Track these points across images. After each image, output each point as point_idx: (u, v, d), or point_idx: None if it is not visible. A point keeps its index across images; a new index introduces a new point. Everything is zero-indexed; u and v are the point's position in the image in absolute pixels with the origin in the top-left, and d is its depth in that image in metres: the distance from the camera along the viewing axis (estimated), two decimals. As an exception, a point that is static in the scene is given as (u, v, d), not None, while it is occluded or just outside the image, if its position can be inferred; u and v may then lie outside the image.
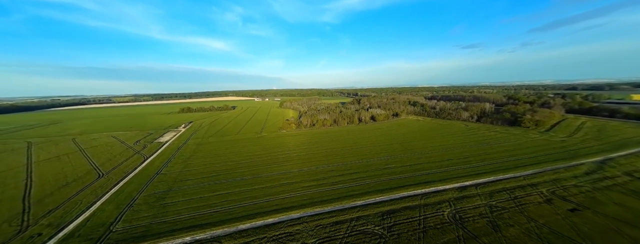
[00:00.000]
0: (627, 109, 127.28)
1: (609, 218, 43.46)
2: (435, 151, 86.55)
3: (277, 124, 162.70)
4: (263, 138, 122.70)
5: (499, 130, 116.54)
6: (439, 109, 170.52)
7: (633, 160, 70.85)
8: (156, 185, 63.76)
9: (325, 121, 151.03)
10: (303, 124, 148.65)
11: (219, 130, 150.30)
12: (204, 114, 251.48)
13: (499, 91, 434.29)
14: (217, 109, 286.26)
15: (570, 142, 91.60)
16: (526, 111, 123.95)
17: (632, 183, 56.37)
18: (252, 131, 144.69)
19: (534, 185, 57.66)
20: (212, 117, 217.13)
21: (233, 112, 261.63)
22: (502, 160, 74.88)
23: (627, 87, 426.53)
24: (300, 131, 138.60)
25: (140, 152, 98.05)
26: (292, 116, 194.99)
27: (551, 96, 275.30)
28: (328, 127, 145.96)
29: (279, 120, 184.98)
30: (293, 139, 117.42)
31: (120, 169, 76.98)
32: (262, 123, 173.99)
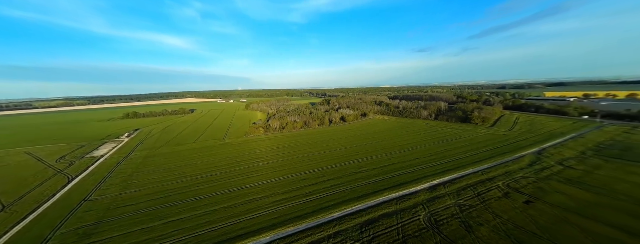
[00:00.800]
0: (548, 105, 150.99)
1: (556, 207, 47.38)
2: (404, 150, 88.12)
3: (243, 129, 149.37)
4: (227, 146, 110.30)
5: (454, 127, 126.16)
6: (403, 109, 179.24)
7: (560, 150, 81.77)
8: (82, 217, 49.54)
9: (295, 123, 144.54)
10: (272, 128, 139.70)
11: (172, 138, 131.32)
12: (156, 119, 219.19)
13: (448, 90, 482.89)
14: (172, 114, 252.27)
15: (511, 136, 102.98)
16: (474, 109, 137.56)
17: (565, 172, 64.00)
18: (213, 137, 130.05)
19: (491, 179, 61.30)
20: (166, 123, 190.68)
21: (191, 117, 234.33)
22: (461, 156, 79.28)
23: (541, 87, 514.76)
24: (269, 136, 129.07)
25: (63, 173, 77.53)
26: (260, 119, 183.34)
27: (488, 95, 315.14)
28: (299, 130, 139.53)
29: (245, 124, 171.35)
30: (261, 145, 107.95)
31: (31, 198, 58.51)
32: (226, 128, 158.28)
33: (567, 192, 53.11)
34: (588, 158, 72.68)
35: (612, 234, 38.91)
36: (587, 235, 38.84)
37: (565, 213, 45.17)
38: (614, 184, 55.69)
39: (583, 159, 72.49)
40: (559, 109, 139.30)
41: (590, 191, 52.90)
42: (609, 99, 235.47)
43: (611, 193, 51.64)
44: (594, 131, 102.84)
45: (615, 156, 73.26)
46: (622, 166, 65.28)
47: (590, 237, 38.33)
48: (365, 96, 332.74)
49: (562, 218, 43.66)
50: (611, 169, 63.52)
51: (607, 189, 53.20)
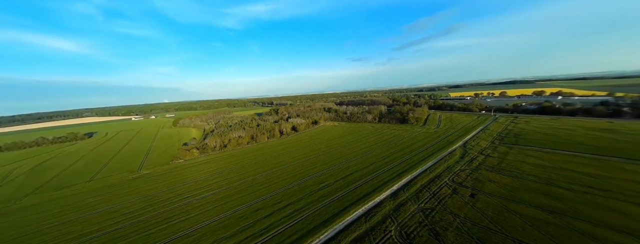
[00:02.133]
0: (458, 104, 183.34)
1: (493, 197, 52.31)
2: (359, 156, 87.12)
3: (168, 153, 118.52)
4: (143, 179, 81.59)
5: (396, 128, 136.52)
6: (350, 114, 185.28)
7: (477, 141, 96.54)
8: None
9: (240, 139, 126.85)
10: (210, 147, 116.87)
11: (50, 179, 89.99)
12: (23, 153, 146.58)
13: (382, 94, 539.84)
14: (53, 142, 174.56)
15: (441, 132, 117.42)
16: (408, 111, 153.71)
17: (487, 160, 74.18)
18: (122, 169, 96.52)
19: (439, 176, 65.10)
20: (41, 157, 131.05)
21: (87, 143, 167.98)
22: (408, 156, 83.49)
23: (446, 89, 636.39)
24: (206, 158, 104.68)
25: None
26: (195, 137, 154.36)
27: (413, 97, 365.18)
28: (245, 147, 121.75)
29: (172, 145, 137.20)
30: (195, 172, 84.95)
31: None
32: (143, 154, 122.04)
33: (495, 180, 60.30)
34: (497, 146, 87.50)
35: (537, 215, 44.24)
36: (525, 220, 43.01)
37: (501, 200, 50.02)
38: (521, 166, 67.01)
39: (494, 147, 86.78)
40: (466, 107, 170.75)
41: (509, 176, 61.57)
42: (490, 96, 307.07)
43: (523, 175, 61.32)
44: (493, 123, 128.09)
45: (513, 142, 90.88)
46: (520, 150, 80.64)
47: (528, 222, 42.48)
48: (314, 102, 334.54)
49: (502, 207, 47.94)
50: (514, 154, 77.32)
51: (519, 172, 63.17)
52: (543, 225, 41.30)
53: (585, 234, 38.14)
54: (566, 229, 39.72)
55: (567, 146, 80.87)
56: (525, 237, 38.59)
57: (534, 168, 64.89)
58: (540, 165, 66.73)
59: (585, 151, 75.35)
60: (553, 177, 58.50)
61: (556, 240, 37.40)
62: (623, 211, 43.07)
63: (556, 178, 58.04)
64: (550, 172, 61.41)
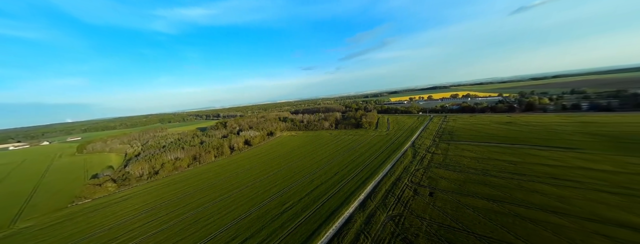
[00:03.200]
0: (400, 107, 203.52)
1: (448, 192, 55.39)
2: (322, 167, 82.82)
3: (67, 191, 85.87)
4: (20, 238, 54.89)
5: (352, 133, 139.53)
6: (307, 122, 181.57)
7: (422, 140, 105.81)
8: None
9: (178, 161, 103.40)
10: (134, 177, 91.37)
11: None
12: None
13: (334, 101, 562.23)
14: None
15: (392, 134, 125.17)
16: (361, 116, 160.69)
17: (434, 158, 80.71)
18: None
19: (399, 178, 66.38)
20: None
21: None
22: (369, 161, 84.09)
23: (386, 94, 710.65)
24: (129, 191, 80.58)
25: None
26: (111, 166, 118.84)
27: (362, 103, 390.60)
28: (185, 170, 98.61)
29: (74, 180, 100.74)
30: (109, 215, 62.85)
31: None
32: (23, 197, 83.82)
33: (445, 176, 64.90)
34: (438, 144, 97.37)
35: (485, 206, 48.07)
36: (477, 213, 45.90)
37: (455, 196, 53.10)
38: (461, 161, 74.90)
39: (436, 145, 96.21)
40: (407, 110, 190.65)
41: (454, 171, 67.44)
42: (421, 100, 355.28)
43: (464, 168, 68.10)
44: (430, 123, 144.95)
45: (449, 139, 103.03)
46: (456, 146, 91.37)
47: (480, 214, 45.38)
48: (268, 112, 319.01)
49: (457, 202, 50.63)
50: (453, 150, 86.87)
51: (461, 166, 70.08)
52: (492, 215, 44.63)
53: (524, 218, 42.59)
54: (509, 216, 43.73)
55: (487, 138, 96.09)
56: (483, 230, 40.51)
57: (470, 161, 73.19)
58: (474, 157, 76.01)
59: (499, 141, 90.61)
60: (486, 168, 66.67)
61: (506, 228, 40.38)
62: (541, 191, 50.88)
63: (488, 168, 66.31)
64: (482, 163, 70.09)
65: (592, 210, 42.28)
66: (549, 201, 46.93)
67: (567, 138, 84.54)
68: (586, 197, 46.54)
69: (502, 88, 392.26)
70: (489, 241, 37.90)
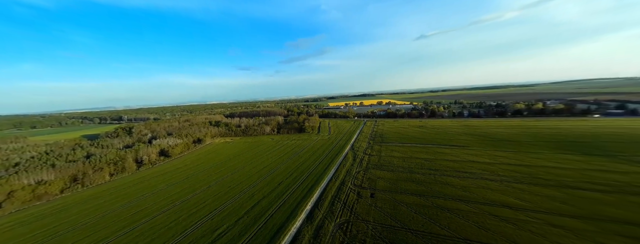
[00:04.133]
0: (339, 112, 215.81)
1: (385, 192, 59.24)
2: (264, 177, 74.34)
3: None
4: None
5: (295, 138, 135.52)
6: (245, 127, 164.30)
7: (359, 143, 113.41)
8: None
9: (42, 186, 69.60)
10: None
11: None
12: None
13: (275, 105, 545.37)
14: None
15: (333, 138, 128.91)
16: (304, 120, 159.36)
17: (371, 159, 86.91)
18: None
19: (343, 183, 66.89)
20: None
21: None
22: (314, 167, 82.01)
23: (325, 99, 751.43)
24: None
25: None
26: None
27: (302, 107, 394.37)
28: (54, 199, 67.49)
29: None
30: None
31: None
32: None
33: (381, 176, 70.03)
34: (373, 146, 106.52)
35: (414, 201, 53.63)
36: (410, 208, 50.39)
37: (391, 195, 57.22)
38: (392, 160, 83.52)
39: (371, 147, 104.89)
40: (344, 114, 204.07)
41: (388, 170, 73.99)
42: (355, 106, 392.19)
43: (395, 168, 75.85)
44: (364, 126, 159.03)
45: (380, 141, 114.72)
46: (387, 147, 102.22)
47: (412, 209, 49.91)
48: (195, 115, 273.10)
49: (393, 201, 54.47)
50: (385, 151, 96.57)
51: (393, 166, 77.86)
52: (420, 209, 49.93)
53: (443, 208, 49.55)
54: (433, 208, 50.00)
55: (408, 140, 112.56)
56: (417, 225, 44.26)
57: (399, 160, 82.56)
58: (401, 157, 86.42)
59: (417, 142, 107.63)
60: (410, 166, 76.43)
61: (432, 220, 45.55)
62: (450, 183, 61.47)
63: (412, 166, 76.23)
64: (408, 162, 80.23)
65: (484, 195, 53.73)
66: (456, 191, 56.93)
67: (459, 138, 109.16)
68: (478, 185, 59.18)
69: (412, 98, 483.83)
70: (422, 235, 41.38)
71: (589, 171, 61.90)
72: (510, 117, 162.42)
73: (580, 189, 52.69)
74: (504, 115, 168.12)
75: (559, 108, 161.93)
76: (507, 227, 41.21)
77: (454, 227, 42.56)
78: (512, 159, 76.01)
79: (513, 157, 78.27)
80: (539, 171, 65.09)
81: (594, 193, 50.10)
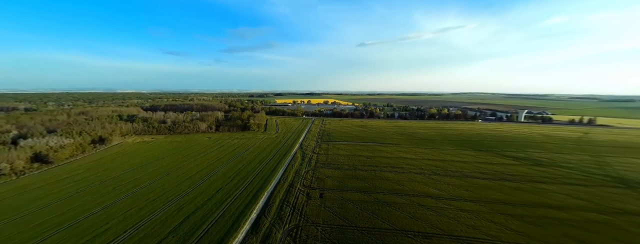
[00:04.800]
0: (287, 110, 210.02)
1: (333, 191, 59.97)
2: (196, 184, 62.43)
3: None
4: None
5: (238, 136, 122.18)
6: (172, 123, 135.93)
7: (308, 142, 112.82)
8: None
9: None
10: None
11: None
12: None
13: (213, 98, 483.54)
14: None
15: (281, 137, 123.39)
16: (249, 117, 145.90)
17: (320, 158, 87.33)
18: None
19: (292, 184, 63.92)
20: None
21: None
22: (260, 169, 75.36)
23: (272, 96, 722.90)
24: None
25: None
26: None
27: (247, 102, 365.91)
28: None
29: None
30: None
31: None
32: None
33: (329, 175, 70.95)
34: (321, 144, 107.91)
35: (360, 198, 56.40)
36: (356, 205, 52.40)
37: (339, 193, 58.36)
38: (338, 159, 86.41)
39: (319, 145, 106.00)
40: (293, 112, 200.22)
41: (335, 168, 75.82)
42: (303, 104, 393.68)
43: (341, 166, 78.56)
44: (312, 125, 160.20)
45: (328, 139, 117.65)
46: (334, 145, 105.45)
47: (358, 206, 52.09)
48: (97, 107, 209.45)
49: (341, 199, 55.59)
50: (332, 149, 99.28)
51: (339, 164, 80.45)
52: (365, 205, 52.77)
53: (383, 202, 53.94)
54: (375, 204, 53.74)
55: (352, 138, 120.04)
56: (363, 222, 46.18)
57: (345, 158, 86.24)
58: (346, 155, 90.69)
59: (359, 140, 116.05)
60: (355, 163, 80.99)
61: (376, 215, 48.68)
62: (388, 178, 68.11)
63: (356, 163, 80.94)
64: (352, 160, 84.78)
65: (413, 187, 61.86)
66: (393, 185, 63.46)
67: (392, 137, 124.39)
68: (408, 178, 67.90)
69: (354, 99, 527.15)
70: (367, 231, 43.33)
71: (479, 164, 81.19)
72: (427, 119, 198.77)
73: (475, 178, 68.04)
74: (423, 118, 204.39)
75: (458, 114, 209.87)
76: (432, 215, 48.25)
77: (392, 220, 46.56)
78: (430, 155, 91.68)
79: (430, 153, 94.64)
80: (448, 164, 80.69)
81: (483, 181, 65.62)
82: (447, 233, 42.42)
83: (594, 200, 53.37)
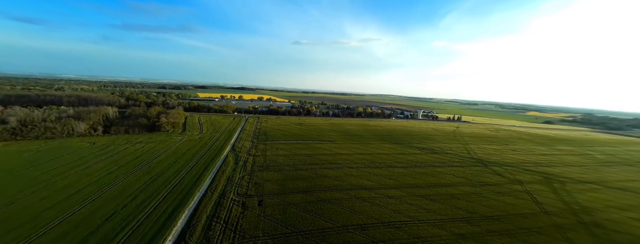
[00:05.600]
0: (214, 106, 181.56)
1: (274, 196, 55.59)
2: (69, 211, 42.63)
3: None
4: None
5: (144, 139, 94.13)
6: (20, 123, 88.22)
7: (242, 143, 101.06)
8: None
9: None
10: None
11: None
12: None
13: (100, 88, 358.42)
14: None
15: (206, 138, 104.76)
16: (160, 114, 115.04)
17: (257, 160, 79.70)
18: None
19: (223, 195, 54.82)
20: None
21: None
22: (177, 180, 60.56)
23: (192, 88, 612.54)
24: None
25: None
26: None
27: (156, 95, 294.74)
28: None
29: None
30: None
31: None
32: None
33: (268, 178, 65.67)
34: (257, 145, 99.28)
35: (302, 199, 54.93)
36: (299, 208, 50.56)
37: (280, 197, 54.71)
38: (277, 159, 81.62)
39: (255, 146, 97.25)
40: (221, 109, 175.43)
41: (275, 170, 71.09)
42: (233, 99, 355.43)
43: (282, 167, 74.48)
44: (246, 123, 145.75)
45: (265, 139, 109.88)
46: (272, 145, 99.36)
47: (301, 208, 50.44)
48: None
49: (282, 204, 52.26)
50: (270, 149, 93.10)
51: (279, 165, 76.05)
52: (308, 206, 51.79)
53: (325, 201, 54.57)
54: (318, 203, 53.68)
55: (291, 137, 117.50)
56: (306, 225, 44.75)
57: (284, 159, 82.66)
58: (286, 155, 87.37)
59: (298, 138, 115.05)
60: (295, 163, 79.02)
61: (318, 215, 48.46)
62: (327, 175, 70.02)
63: (297, 162, 79.19)
64: (292, 159, 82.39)
65: (349, 181, 66.23)
66: (332, 181, 65.75)
67: (329, 134, 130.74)
68: (345, 173, 72.33)
69: (290, 96, 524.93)
70: (311, 234, 42.32)
71: (396, 155, 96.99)
72: (356, 117, 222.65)
73: (395, 167, 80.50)
74: (353, 115, 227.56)
75: (378, 112, 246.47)
76: (367, 206, 52.83)
77: (335, 217, 47.67)
78: (361, 150, 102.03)
79: (361, 148, 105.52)
80: (375, 157, 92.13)
81: (401, 169, 78.52)
82: (379, 221, 47.27)
83: (467, 177, 74.10)
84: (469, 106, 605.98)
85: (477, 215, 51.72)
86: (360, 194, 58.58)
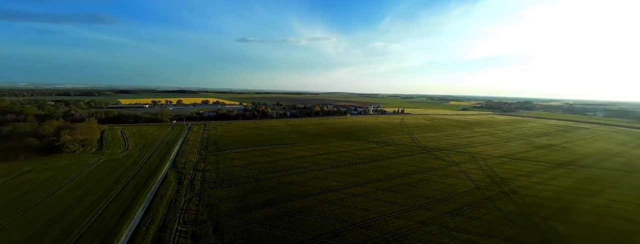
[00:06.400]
0: (143, 114, 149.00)
1: (233, 217, 48.01)
2: None
3: None
4: None
5: (36, 168, 67.43)
6: None
7: (185, 156, 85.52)
8: None
9: None
10: None
11: None
12: None
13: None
14: None
15: (135, 156, 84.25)
16: (61, 129, 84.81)
17: (207, 176, 68.21)
18: None
19: (165, 226, 44.22)
20: None
21: None
22: (89, 219, 45.57)
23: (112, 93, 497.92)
24: None
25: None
26: None
27: (52, 104, 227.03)
28: None
29: None
30: None
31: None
32: None
33: (224, 196, 56.88)
34: (206, 157, 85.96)
35: (266, 214, 49.40)
36: (264, 226, 44.95)
37: (241, 217, 47.66)
38: (233, 171, 72.25)
39: (204, 159, 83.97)
40: (154, 117, 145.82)
41: (231, 185, 62.30)
42: (169, 105, 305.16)
43: (239, 180, 65.91)
44: (189, 132, 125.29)
45: (216, 149, 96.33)
46: (224, 156, 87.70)
47: (266, 226, 44.92)
48: None
49: (244, 224, 45.58)
50: (223, 161, 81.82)
51: (236, 178, 67.16)
52: (274, 221, 46.78)
53: (292, 211, 50.57)
54: (285, 216, 49.14)
55: (247, 143, 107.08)
56: (274, 243, 40.24)
57: (242, 170, 73.90)
58: (243, 165, 78.43)
59: (256, 144, 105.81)
60: (255, 173, 71.56)
61: (287, 229, 44.15)
62: (292, 181, 65.55)
63: (257, 172, 71.86)
64: (251, 169, 74.44)
65: (316, 185, 63.96)
66: (298, 188, 62.13)
67: (289, 136, 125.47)
68: (310, 177, 69.70)
69: (240, 98, 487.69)
70: (283, 253, 38.03)
71: (356, 151, 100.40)
72: (313, 116, 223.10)
73: (357, 163, 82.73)
74: (310, 115, 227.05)
75: (334, 110, 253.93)
76: (337, 209, 51.59)
77: (306, 229, 44.45)
78: (322, 150, 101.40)
79: (323, 147, 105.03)
80: (337, 155, 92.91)
81: (363, 165, 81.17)
82: (350, 223, 46.60)
83: (417, 165, 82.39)
84: (407, 99, 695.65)
85: (431, 199, 57.26)
86: (329, 197, 57.03)
